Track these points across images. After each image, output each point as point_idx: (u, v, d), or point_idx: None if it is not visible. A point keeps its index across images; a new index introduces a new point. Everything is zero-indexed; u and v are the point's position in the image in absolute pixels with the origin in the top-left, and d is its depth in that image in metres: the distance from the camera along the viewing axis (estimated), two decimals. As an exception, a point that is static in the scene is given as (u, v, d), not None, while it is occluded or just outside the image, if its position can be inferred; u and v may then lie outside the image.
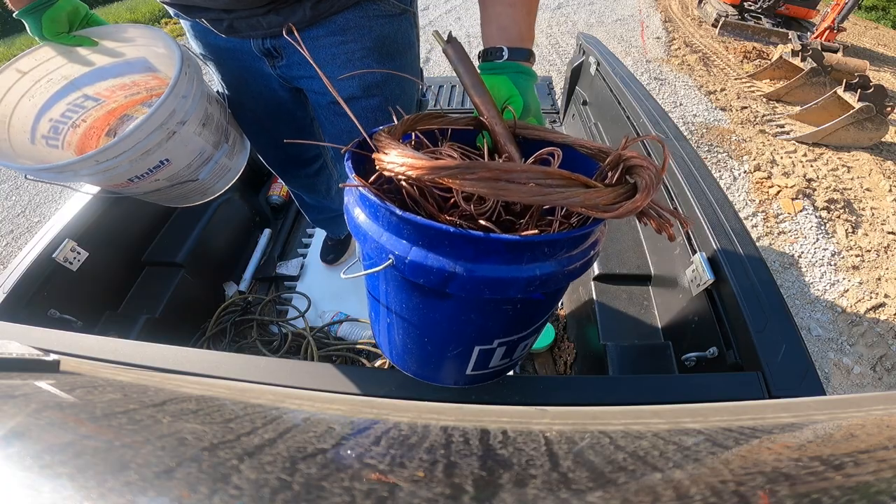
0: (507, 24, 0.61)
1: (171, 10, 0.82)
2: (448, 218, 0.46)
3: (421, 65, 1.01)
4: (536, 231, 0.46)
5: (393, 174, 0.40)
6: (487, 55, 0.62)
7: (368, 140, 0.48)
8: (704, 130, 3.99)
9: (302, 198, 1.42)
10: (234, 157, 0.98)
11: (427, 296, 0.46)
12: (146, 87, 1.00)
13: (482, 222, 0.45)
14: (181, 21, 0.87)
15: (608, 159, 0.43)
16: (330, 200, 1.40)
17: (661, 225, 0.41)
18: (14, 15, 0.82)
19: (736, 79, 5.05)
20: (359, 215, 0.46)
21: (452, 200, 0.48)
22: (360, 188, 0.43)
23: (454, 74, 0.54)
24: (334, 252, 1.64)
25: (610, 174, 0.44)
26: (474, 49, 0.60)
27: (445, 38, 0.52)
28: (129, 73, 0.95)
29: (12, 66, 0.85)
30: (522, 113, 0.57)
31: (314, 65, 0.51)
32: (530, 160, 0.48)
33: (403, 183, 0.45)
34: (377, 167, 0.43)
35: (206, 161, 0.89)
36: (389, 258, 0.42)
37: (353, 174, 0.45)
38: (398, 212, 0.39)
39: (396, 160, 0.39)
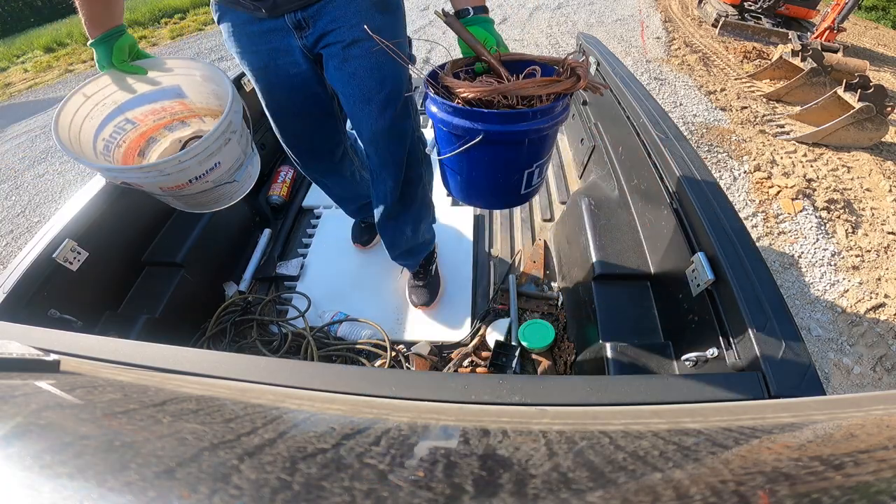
0: None
1: (216, 15, 1.00)
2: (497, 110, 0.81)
3: (421, 64, 1.14)
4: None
5: (470, 95, 0.78)
6: (459, 14, 0.91)
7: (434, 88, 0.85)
8: (704, 130, 3.99)
9: (334, 190, 1.47)
10: (254, 166, 1.17)
11: (500, 148, 0.84)
12: (171, 112, 1.15)
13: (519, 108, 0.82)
14: (221, 24, 1.01)
15: (562, 64, 0.85)
16: (357, 186, 1.46)
17: (597, 89, 0.83)
18: (88, 44, 0.98)
19: (736, 79, 5.05)
20: (445, 116, 0.81)
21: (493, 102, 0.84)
22: (456, 102, 0.79)
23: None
24: (369, 233, 1.68)
25: (563, 72, 0.84)
26: None
27: (444, 14, 0.84)
28: (161, 100, 1.11)
29: (80, 91, 0.99)
30: (497, 46, 0.88)
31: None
32: (523, 76, 0.84)
33: (469, 97, 0.79)
34: (459, 94, 0.79)
35: (240, 166, 1.07)
36: (480, 134, 0.79)
37: (433, 92, 0.82)
38: (491, 111, 0.78)
39: (471, 88, 0.78)
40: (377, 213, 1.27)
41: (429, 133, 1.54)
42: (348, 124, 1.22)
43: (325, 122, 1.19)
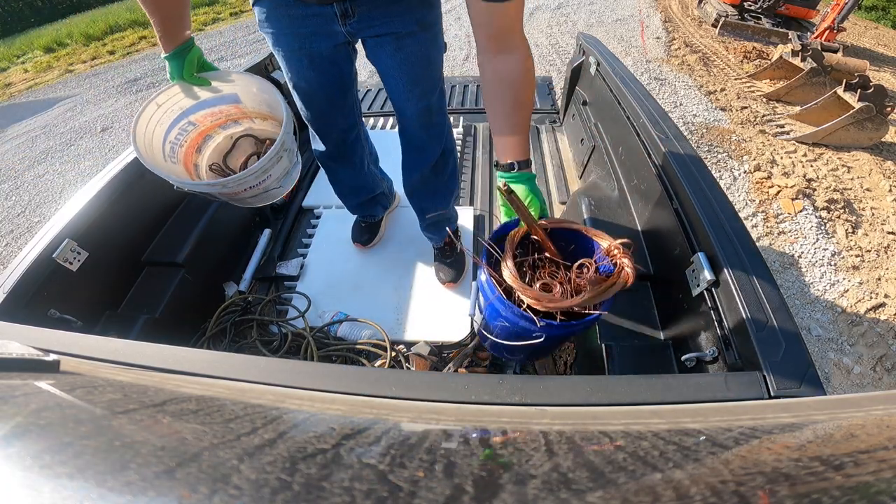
0: (513, 144, 0.89)
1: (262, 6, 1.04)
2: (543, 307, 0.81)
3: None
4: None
5: (540, 308, 0.77)
6: (504, 166, 0.90)
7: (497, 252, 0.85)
8: (704, 130, 3.99)
9: (340, 177, 1.50)
10: (297, 171, 1.27)
11: (531, 332, 0.81)
12: (227, 113, 1.26)
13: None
14: (257, 6, 1.04)
15: (604, 249, 0.84)
16: (363, 177, 1.49)
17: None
18: (162, 57, 1.06)
19: (736, 79, 5.05)
20: (508, 314, 0.81)
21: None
22: (525, 311, 0.78)
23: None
24: (369, 233, 1.70)
25: (612, 257, 0.83)
26: (475, 49, 0.90)
27: (507, 191, 0.80)
28: (220, 104, 1.22)
29: (153, 101, 1.09)
30: (540, 209, 0.88)
31: None
32: (574, 268, 0.83)
33: (538, 308, 0.78)
34: (528, 301, 0.78)
35: (286, 174, 1.19)
36: (542, 336, 0.80)
37: (499, 291, 0.81)
38: (559, 323, 0.78)
39: (543, 303, 0.77)
40: (412, 181, 1.41)
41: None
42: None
43: (346, 101, 1.28)
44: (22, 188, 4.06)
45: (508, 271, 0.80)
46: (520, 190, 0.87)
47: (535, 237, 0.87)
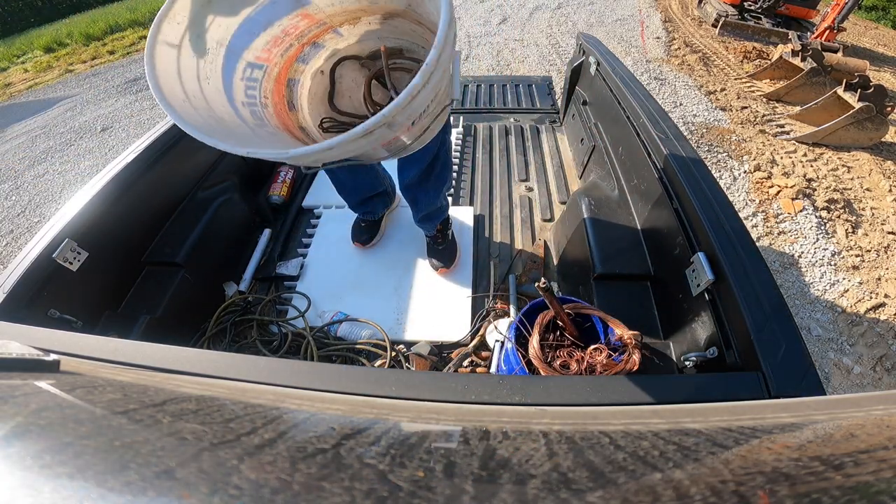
0: None
1: None
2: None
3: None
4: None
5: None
6: None
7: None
8: (704, 130, 3.99)
9: (339, 172, 1.47)
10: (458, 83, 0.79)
11: None
12: (296, 34, 0.81)
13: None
14: None
15: (618, 335, 0.96)
16: (365, 174, 1.48)
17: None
18: None
19: (736, 79, 5.05)
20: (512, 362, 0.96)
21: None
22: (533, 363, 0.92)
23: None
24: (368, 233, 1.70)
25: (619, 341, 0.96)
26: (474, 49, 0.83)
27: (544, 289, 0.88)
28: (277, 19, 0.77)
29: (161, 42, 0.66)
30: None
31: None
32: (590, 350, 0.94)
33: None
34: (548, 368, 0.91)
35: (444, 108, 0.80)
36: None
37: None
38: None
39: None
40: (409, 176, 1.37)
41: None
42: None
43: None
44: (22, 188, 4.06)
45: (534, 350, 0.92)
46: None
47: (561, 322, 0.99)
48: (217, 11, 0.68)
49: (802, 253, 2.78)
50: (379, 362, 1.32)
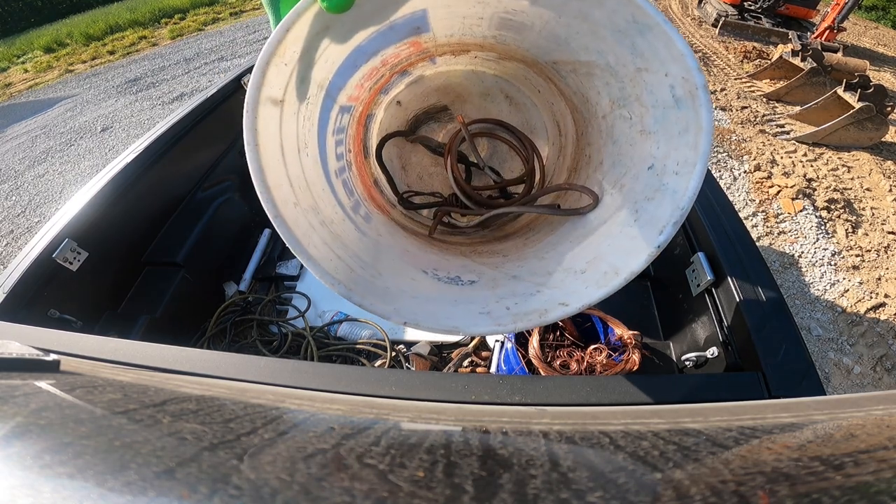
0: None
1: None
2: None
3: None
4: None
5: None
6: None
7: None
8: (704, 130, 3.98)
9: None
10: None
11: None
12: (392, 62, 0.64)
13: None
14: None
15: (618, 335, 0.98)
16: None
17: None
18: None
19: (736, 79, 5.05)
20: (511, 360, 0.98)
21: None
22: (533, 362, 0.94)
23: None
24: None
25: (619, 341, 0.98)
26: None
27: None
28: (383, 49, 0.59)
29: (265, 100, 0.46)
30: None
31: None
32: (590, 349, 0.95)
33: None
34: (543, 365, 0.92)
35: None
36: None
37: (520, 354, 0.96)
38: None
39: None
40: None
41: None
42: None
43: None
44: (22, 188, 4.06)
45: (534, 350, 0.93)
46: None
47: (561, 322, 1.01)
48: (332, 38, 0.49)
49: (802, 253, 2.78)
50: (379, 362, 1.32)
